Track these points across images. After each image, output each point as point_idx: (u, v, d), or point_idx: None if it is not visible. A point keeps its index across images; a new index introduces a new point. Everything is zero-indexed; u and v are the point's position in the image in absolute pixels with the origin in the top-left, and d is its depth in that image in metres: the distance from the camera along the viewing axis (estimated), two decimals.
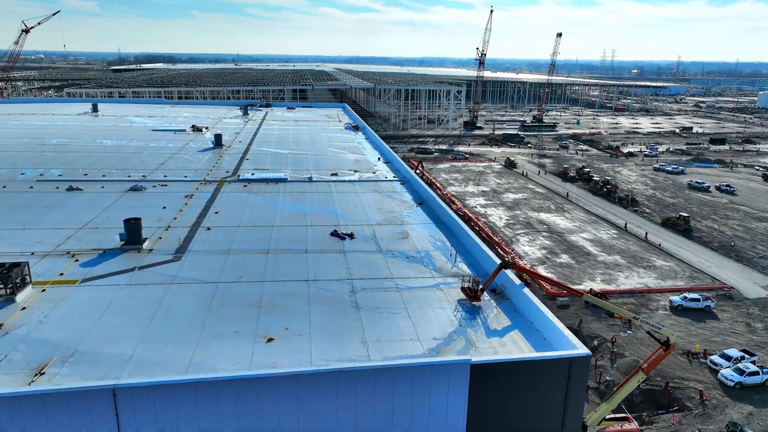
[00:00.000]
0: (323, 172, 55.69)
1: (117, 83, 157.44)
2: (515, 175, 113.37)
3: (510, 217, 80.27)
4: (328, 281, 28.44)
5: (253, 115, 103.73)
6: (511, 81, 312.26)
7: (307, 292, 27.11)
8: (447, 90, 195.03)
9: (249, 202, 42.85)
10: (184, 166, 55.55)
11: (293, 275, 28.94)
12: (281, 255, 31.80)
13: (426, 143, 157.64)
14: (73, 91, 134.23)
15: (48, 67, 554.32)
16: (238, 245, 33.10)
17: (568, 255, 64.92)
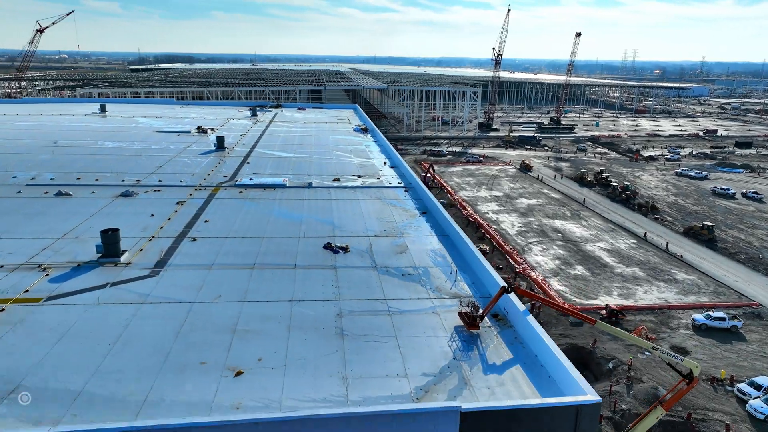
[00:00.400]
0: (325, 177, 53.43)
1: (131, 83, 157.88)
2: (530, 179, 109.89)
3: (523, 224, 77.10)
4: (313, 302, 26.07)
5: (261, 116, 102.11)
6: (528, 82, 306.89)
7: (289, 315, 24.78)
8: (462, 91, 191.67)
9: (242, 210, 40.75)
10: (181, 169, 53.79)
11: (277, 294, 26.64)
12: (267, 270, 29.55)
13: (439, 145, 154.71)
14: (86, 92, 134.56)
15: (70, 67, 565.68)
16: (222, 259, 30.95)
17: (583, 266, 61.63)
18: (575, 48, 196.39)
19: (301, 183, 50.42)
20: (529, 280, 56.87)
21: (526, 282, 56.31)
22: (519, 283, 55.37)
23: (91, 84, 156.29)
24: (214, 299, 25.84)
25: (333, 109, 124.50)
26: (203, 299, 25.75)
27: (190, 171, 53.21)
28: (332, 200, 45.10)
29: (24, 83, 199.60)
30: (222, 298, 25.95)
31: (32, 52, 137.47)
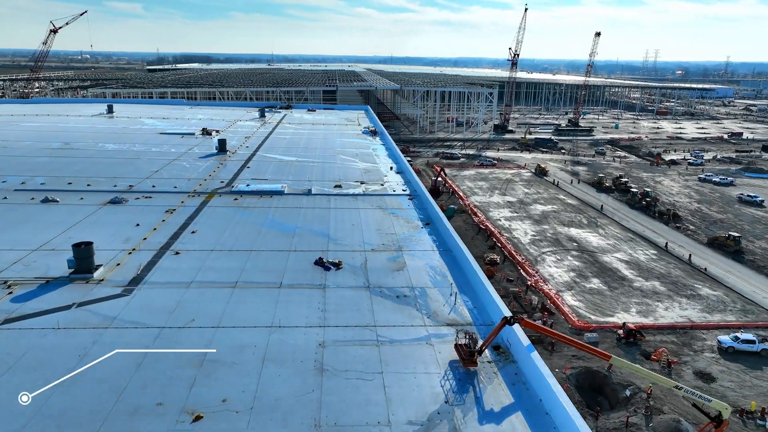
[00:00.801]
0: (326, 183, 51.07)
1: (144, 83, 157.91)
2: (545, 184, 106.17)
3: (536, 232, 73.74)
4: (295, 329, 23.62)
5: (270, 118, 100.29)
6: (546, 82, 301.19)
7: (267, 343, 22.37)
8: (477, 92, 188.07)
9: (233, 220, 38.52)
10: (178, 174, 51.91)
11: (255, 319, 24.25)
12: (249, 290, 27.19)
13: (453, 147, 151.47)
14: (99, 92, 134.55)
15: (91, 67, 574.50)
16: (203, 275, 28.69)
17: (599, 279, 58.18)
18: (594, 48, 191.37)
19: (300, 190, 48.13)
20: (541, 294, 53.73)
21: (538, 296, 53.21)
22: (530, 297, 52.32)
23: (104, 84, 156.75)
24: (186, 324, 23.55)
25: (344, 111, 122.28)
26: (174, 324, 23.47)
27: (187, 176, 51.28)
28: (331, 209, 42.69)
29: (43, 83, 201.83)
30: (195, 323, 23.65)
31: (46, 52, 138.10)
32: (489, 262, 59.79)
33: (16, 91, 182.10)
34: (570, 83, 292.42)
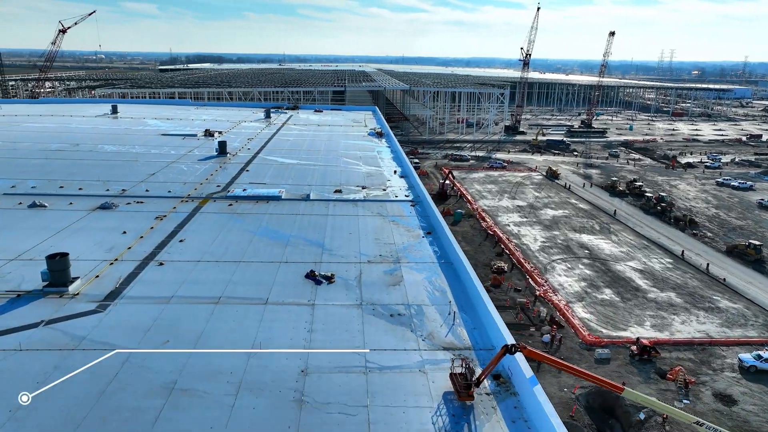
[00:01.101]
0: (327, 187, 49.25)
1: (152, 83, 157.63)
2: (557, 187, 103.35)
3: (546, 238, 71.19)
4: (276, 353, 21.74)
5: (275, 119, 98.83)
6: (559, 83, 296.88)
7: (244, 368, 20.52)
8: (488, 93, 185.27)
9: (225, 228, 36.80)
10: (175, 177, 50.43)
11: (235, 340, 22.42)
12: (233, 307, 25.36)
13: (462, 149, 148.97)
14: (107, 92, 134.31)
15: (105, 67, 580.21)
16: (186, 289, 26.93)
17: (612, 289, 55.57)
18: (609, 48, 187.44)
19: (298, 195, 46.34)
20: (550, 305, 51.32)
21: (546, 307, 50.82)
22: (538, 309, 49.93)
23: (113, 84, 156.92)
24: (159, 345, 21.77)
25: (351, 111, 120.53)
26: (147, 345, 21.71)
27: (183, 179, 49.75)
28: (328, 216, 40.81)
29: (56, 83, 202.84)
30: (169, 344, 21.87)
31: (55, 52, 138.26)
32: (496, 270, 57.52)
33: (28, 91, 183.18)
34: (583, 83, 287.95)
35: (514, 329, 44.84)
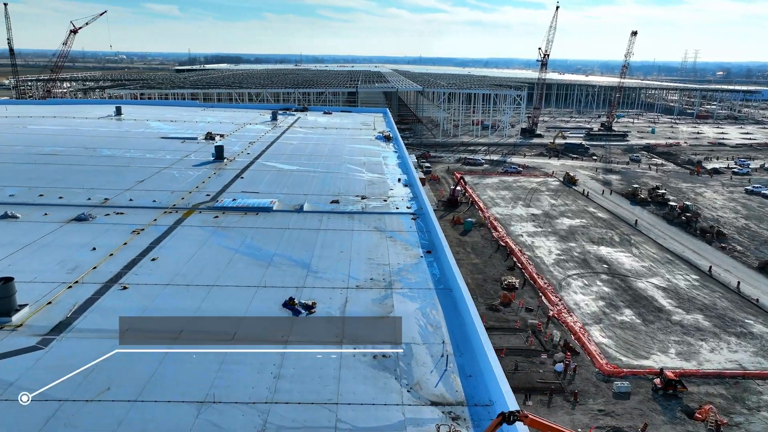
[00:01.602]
0: (324, 197, 46.01)
1: (164, 84, 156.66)
2: (574, 194, 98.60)
3: (562, 250, 66.89)
4: (233, 406, 18.47)
5: (281, 121, 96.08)
6: (578, 84, 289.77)
7: (191, 426, 17.23)
8: (503, 94, 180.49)
9: (205, 244, 33.72)
10: (164, 185, 47.68)
11: (186, 390, 19.23)
12: (193, 345, 22.12)
13: (477, 152, 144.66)
14: (116, 93, 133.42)
15: (125, 68, 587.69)
16: (143, 322, 23.76)
17: (632, 310, 51.20)
18: (630, 48, 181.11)
19: (291, 206, 43.13)
20: (564, 327, 47.27)
21: (560, 330, 46.80)
22: (551, 332, 45.90)
23: (123, 85, 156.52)
24: (96, 395, 18.66)
25: (361, 114, 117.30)
26: (82, 394, 18.63)
27: (172, 187, 46.95)
28: (321, 230, 37.49)
29: (73, 83, 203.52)
30: (108, 394, 18.75)
31: (66, 52, 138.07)
32: (507, 286, 53.62)
33: (44, 92, 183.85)
34: (603, 85, 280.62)
35: (524, 355, 41.01)
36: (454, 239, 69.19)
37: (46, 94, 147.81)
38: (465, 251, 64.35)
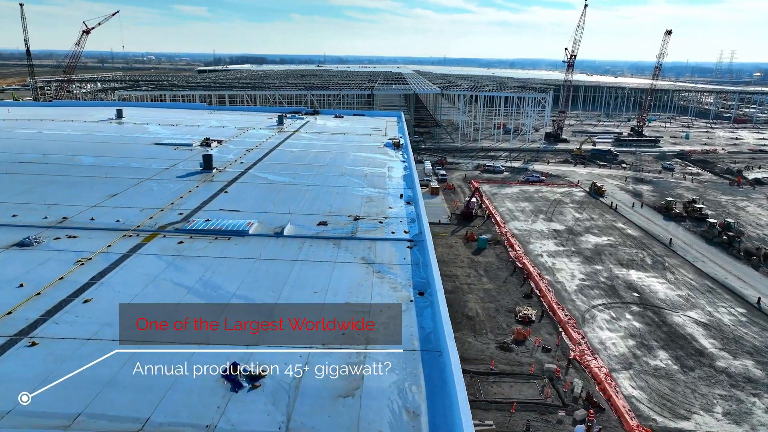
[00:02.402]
0: (311, 217, 40.53)
1: (178, 86, 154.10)
2: (601, 207, 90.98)
3: (587, 274, 59.93)
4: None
5: (288, 125, 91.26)
6: (607, 86, 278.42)
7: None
8: (526, 97, 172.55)
9: (156, 279, 28.55)
10: (135, 201, 42.94)
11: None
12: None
13: (497, 158, 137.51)
14: (125, 94, 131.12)
15: (151, 68, 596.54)
16: (36, 401, 18.56)
17: (668, 352, 44.17)
18: (664, 48, 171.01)
19: (271, 228, 37.71)
20: (587, 373, 40.65)
21: (582, 377, 40.16)
22: (572, 380, 39.27)
23: (137, 86, 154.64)
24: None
25: (374, 118, 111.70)
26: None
27: (144, 203, 42.10)
28: (297, 262, 31.98)
29: (92, 84, 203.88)
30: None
31: (79, 52, 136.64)
32: (522, 318, 47.24)
33: (64, 92, 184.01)
34: (634, 87, 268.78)
35: (538, 411, 34.67)
36: (465, 259, 62.95)
37: (56, 96, 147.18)
38: (477, 274, 58.03)
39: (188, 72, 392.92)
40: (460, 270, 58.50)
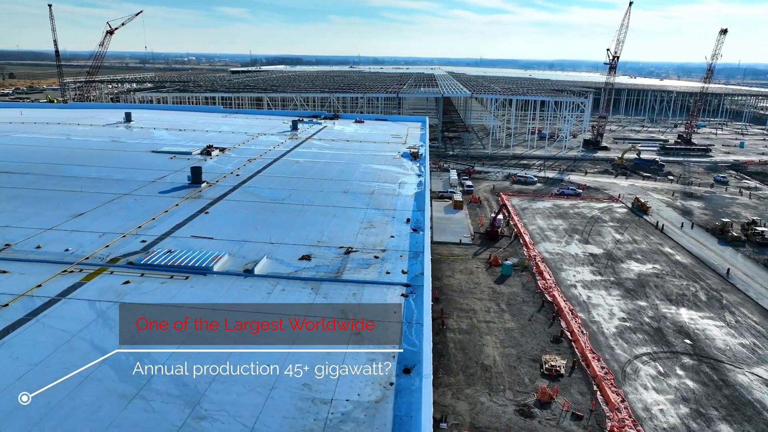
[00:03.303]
0: (296, 248, 34.29)
1: (201, 87, 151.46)
2: (645, 227, 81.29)
3: (628, 313, 51.36)
4: None
5: (302, 131, 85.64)
6: (652, 89, 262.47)
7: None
8: (563, 101, 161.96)
9: (69, 341, 22.89)
10: (99, 222, 37.68)
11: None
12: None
13: (530, 167, 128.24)
14: (146, 96, 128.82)
15: (189, 69, 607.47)
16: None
17: (732, 426, 35.57)
18: (718, 48, 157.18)
19: (241, 263, 31.54)
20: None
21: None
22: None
23: (159, 88, 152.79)
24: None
25: (396, 123, 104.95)
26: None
27: (107, 227, 36.71)
28: (258, 314, 25.39)
29: (126, 85, 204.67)
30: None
31: (102, 53, 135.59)
32: (547, 371, 39.47)
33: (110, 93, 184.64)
34: (681, 90, 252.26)
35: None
36: (486, 288, 55.30)
37: (81, 97, 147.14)
38: (498, 308, 50.36)
39: (222, 73, 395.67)
40: (479, 303, 51.07)
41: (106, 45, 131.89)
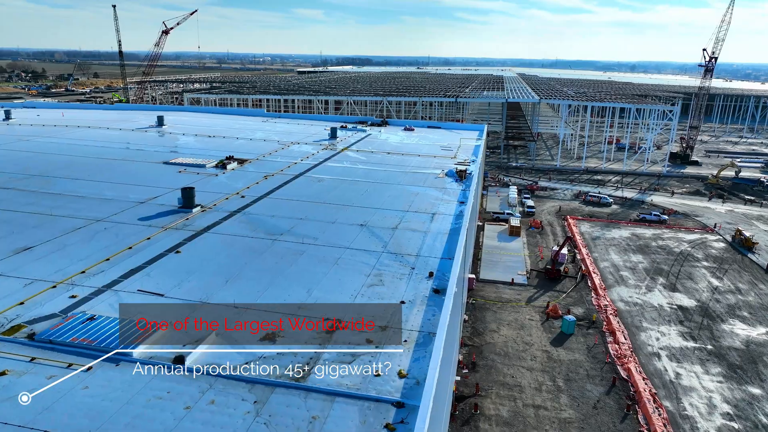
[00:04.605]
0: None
1: (254, 89, 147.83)
2: (751, 269, 65.06)
3: (735, 405, 37.73)
4: None
5: (341, 140, 77.26)
6: (753, 94, 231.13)
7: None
8: (647, 108, 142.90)
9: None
10: (34, 266, 30.71)
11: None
12: None
13: (605, 184, 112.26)
14: (195, 97, 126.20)
15: (263, 68, 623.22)
16: None
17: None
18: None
19: (175, 346, 22.71)
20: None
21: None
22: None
23: (212, 90, 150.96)
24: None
25: (451, 131, 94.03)
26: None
27: (41, 271, 29.70)
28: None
29: (166, 86, 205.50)
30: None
31: (158, 53, 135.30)
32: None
33: (171, 94, 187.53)
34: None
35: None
36: (539, 352, 43.42)
37: (138, 98, 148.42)
38: (553, 386, 38.55)
39: (291, 74, 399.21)
40: (529, 376, 39.46)
41: (162, 45, 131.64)
